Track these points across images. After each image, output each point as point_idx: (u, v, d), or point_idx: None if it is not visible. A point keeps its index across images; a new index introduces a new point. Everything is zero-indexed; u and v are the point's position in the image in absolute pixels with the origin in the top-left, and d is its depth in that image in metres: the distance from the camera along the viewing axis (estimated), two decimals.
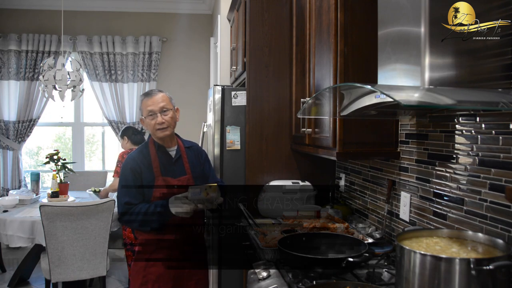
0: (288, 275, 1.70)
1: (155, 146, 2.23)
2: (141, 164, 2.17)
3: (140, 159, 2.18)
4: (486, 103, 1.27)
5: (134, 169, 2.15)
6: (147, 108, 2.17)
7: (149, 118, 2.17)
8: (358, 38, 1.96)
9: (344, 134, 1.99)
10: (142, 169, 2.15)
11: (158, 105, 2.17)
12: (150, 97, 2.19)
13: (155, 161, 2.18)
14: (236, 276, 3.02)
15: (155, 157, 2.20)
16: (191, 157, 2.30)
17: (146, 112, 2.18)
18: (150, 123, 2.17)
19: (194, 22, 5.61)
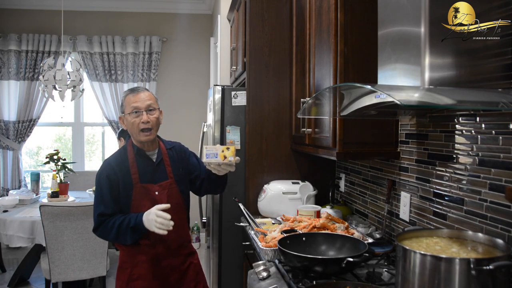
0: (288, 275, 1.70)
1: (134, 150, 2.04)
2: (118, 171, 1.98)
3: (117, 165, 2.00)
4: (486, 103, 1.27)
5: (109, 176, 1.97)
6: (132, 105, 1.98)
7: (132, 116, 1.97)
8: (358, 38, 1.96)
9: (344, 134, 1.99)
10: (118, 176, 1.97)
11: (144, 102, 1.98)
12: (136, 93, 2.01)
13: (133, 167, 2.00)
14: (236, 276, 3.03)
15: (133, 162, 2.01)
16: (173, 158, 2.12)
17: (129, 108, 1.98)
18: (133, 121, 1.97)
19: (194, 22, 5.61)
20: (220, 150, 1.84)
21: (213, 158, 1.84)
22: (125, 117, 2.02)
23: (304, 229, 2.04)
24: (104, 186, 1.96)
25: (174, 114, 5.53)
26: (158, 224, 1.81)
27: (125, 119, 2.03)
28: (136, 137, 2.01)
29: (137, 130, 1.98)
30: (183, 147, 2.22)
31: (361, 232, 2.13)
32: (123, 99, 2.04)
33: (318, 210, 2.41)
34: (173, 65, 5.60)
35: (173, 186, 2.05)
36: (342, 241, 1.82)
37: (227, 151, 1.83)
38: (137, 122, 1.97)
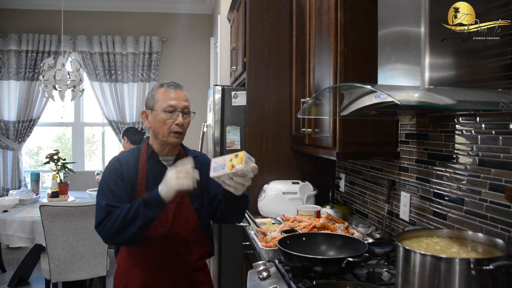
0: (288, 275, 1.70)
1: (148, 152, 1.80)
2: (126, 170, 1.75)
3: (126, 163, 1.77)
4: (486, 103, 1.27)
5: (116, 170, 1.74)
6: (169, 102, 1.74)
7: (165, 114, 1.74)
8: (358, 38, 1.96)
9: (344, 134, 1.99)
10: (124, 176, 1.73)
11: (182, 102, 1.77)
12: (174, 89, 1.79)
13: (142, 171, 1.76)
14: (236, 276, 3.03)
15: (143, 165, 1.77)
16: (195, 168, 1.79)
17: (165, 105, 1.74)
18: (166, 120, 1.74)
19: (194, 22, 5.61)
20: (228, 159, 1.50)
21: (220, 170, 1.51)
22: (155, 113, 1.76)
23: (304, 229, 2.04)
24: (111, 178, 1.72)
25: None
26: (179, 175, 1.53)
27: (153, 115, 1.77)
28: (162, 138, 1.76)
29: (167, 131, 1.74)
30: (206, 159, 1.93)
31: (361, 232, 2.13)
32: (154, 92, 1.79)
33: (318, 210, 2.41)
34: (173, 65, 5.61)
35: (185, 201, 1.78)
36: (342, 241, 1.82)
37: (235, 158, 1.48)
38: (170, 123, 1.74)
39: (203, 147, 3.59)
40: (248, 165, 1.48)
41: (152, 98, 1.80)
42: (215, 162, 1.54)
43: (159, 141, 1.79)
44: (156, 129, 1.77)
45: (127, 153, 1.83)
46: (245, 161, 1.46)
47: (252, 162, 1.51)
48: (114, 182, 1.72)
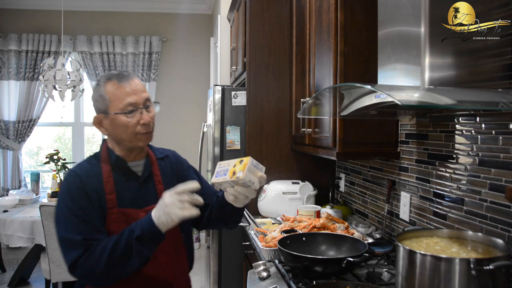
0: (288, 275, 1.70)
1: (110, 160, 1.46)
2: (88, 187, 1.39)
3: (87, 178, 1.41)
4: (486, 103, 1.27)
5: (79, 188, 1.39)
6: (126, 100, 1.39)
7: (126, 116, 1.40)
8: (358, 38, 1.96)
9: (344, 134, 1.99)
10: (89, 194, 1.38)
11: (141, 95, 1.43)
12: (127, 81, 1.42)
13: (108, 184, 1.42)
14: (236, 276, 3.03)
15: (109, 177, 1.43)
16: (166, 172, 1.57)
17: (122, 105, 1.39)
18: (128, 123, 1.40)
19: (194, 22, 5.61)
20: (232, 165, 1.31)
21: (222, 176, 1.32)
22: (111, 117, 1.41)
23: (304, 229, 2.04)
24: (75, 202, 1.37)
25: (174, 114, 5.53)
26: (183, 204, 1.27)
27: (109, 120, 1.42)
28: (129, 143, 1.44)
29: (132, 134, 1.42)
30: (179, 158, 1.69)
31: (361, 232, 2.13)
32: (102, 91, 1.42)
33: (318, 210, 2.41)
34: (173, 65, 5.61)
35: None
36: (342, 241, 1.82)
37: (239, 164, 1.28)
38: (133, 124, 1.40)
39: (203, 147, 3.60)
40: (252, 174, 1.26)
41: (101, 98, 1.42)
42: (220, 165, 1.37)
43: (123, 146, 1.46)
44: (117, 136, 1.43)
45: (84, 163, 1.48)
46: (248, 169, 1.24)
47: (260, 171, 1.30)
48: (81, 207, 1.36)
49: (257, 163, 1.31)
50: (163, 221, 1.28)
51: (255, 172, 1.30)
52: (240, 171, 1.27)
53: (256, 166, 1.30)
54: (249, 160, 1.28)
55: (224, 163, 1.38)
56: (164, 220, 1.28)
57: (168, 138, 5.49)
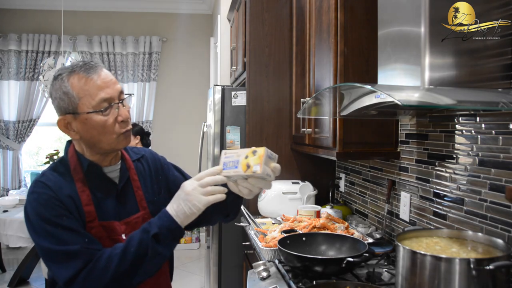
0: (288, 275, 1.70)
1: (82, 167, 1.25)
2: (61, 199, 1.17)
3: (58, 189, 1.18)
4: (486, 103, 1.27)
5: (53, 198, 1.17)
6: (100, 95, 1.18)
7: (102, 115, 1.19)
8: (358, 38, 1.96)
9: (344, 134, 1.99)
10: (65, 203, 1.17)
11: (114, 87, 1.22)
12: (95, 72, 1.21)
13: (84, 194, 1.21)
14: (236, 276, 3.03)
15: (83, 186, 1.22)
16: (144, 175, 1.38)
17: (96, 102, 1.18)
18: (106, 122, 1.20)
19: (194, 22, 5.61)
20: (243, 155, 1.16)
21: (232, 169, 1.16)
22: (83, 117, 1.19)
23: (304, 229, 2.04)
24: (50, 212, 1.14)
25: (174, 114, 5.53)
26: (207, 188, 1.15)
27: (81, 120, 1.19)
28: (107, 146, 1.23)
29: (112, 136, 1.21)
30: (155, 155, 1.48)
31: (361, 232, 2.13)
32: (67, 86, 1.18)
33: (318, 210, 2.41)
34: (173, 65, 5.61)
35: (140, 220, 1.29)
36: (342, 241, 1.82)
37: (252, 156, 1.14)
38: (111, 123, 1.20)
39: (203, 147, 3.60)
40: (268, 166, 1.14)
41: (67, 96, 1.18)
42: (226, 156, 1.19)
43: (97, 150, 1.25)
44: (92, 139, 1.21)
45: (50, 172, 1.23)
46: (264, 162, 1.12)
47: (274, 161, 1.17)
48: (59, 214, 1.15)
49: (271, 153, 1.17)
50: (185, 211, 1.14)
51: (270, 163, 1.16)
52: (256, 164, 1.12)
53: (270, 156, 1.16)
54: (265, 151, 1.13)
55: (231, 153, 1.19)
56: (186, 210, 1.14)
57: (168, 138, 5.49)
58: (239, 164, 1.15)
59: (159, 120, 5.53)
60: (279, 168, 1.19)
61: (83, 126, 1.20)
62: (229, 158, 1.19)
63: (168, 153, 2.18)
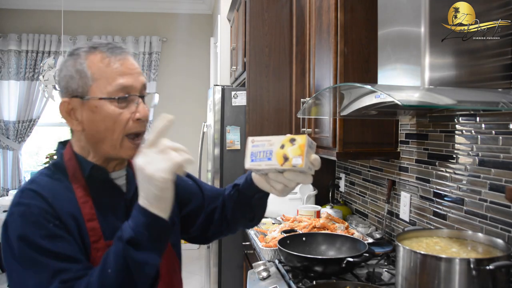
0: (288, 275, 1.70)
1: (83, 170, 1.00)
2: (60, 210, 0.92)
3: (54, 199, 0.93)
4: (486, 103, 1.27)
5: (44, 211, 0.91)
6: (118, 80, 0.96)
7: (116, 103, 0.96)
8: (358, 38, 1.96)
9: (344, 134, 1.99)
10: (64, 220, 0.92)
11: (139, 78, 1.00)
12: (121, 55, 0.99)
13: (86, 207, 0.97)
14: (236, 276, 3.03)
15: (85, 196, 0.98)
16: None
17: (113, 87, 0.96)
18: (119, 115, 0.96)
19: (194, 22, 5.61)
20: (277, 144, 0.93)
21: (263, 161, 0.94)
22: (93, 103, 0.96)
23: (304, 229, 2.04)
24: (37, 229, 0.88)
25: (174, 114, 5.50)
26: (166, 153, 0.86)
27: (89, 107, 0.96)
28: (109, 149, 0.98)
29: (121, 135, 0.97)
30: None
31: (361, 232, 2.13)
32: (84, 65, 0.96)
33: (318, 210, 2.41)
34: (173, 65, 5.61)
35: None
36: (342, 241, 1.82)
37: (290, 145, 0.92)
38: (125, 118, 0.97)
39: (203, 147, 3.59)
40: (308, 157, 0.92)
41: (80, 75, 0.96)
42: (255, 144, 0.96)
43: (102, 151, 1.00)
44: (98, 134, 0.98)
45: (43, 178, 0.98)
46: (306, 153, 0.91)
47: (313, 151, 0.94)
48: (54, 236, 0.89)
49: (311, 141, 0.94)
50: (153, 192, 0.83)
51: (310, 154, 0.93)
52: (296, 156, 0.91)
53: (311, 145, 0.94)
54: (306, 140, 0.92)
55: (260, 141, 0.96)
56: (153, 190, 0.83)
57: (168, 138, 5.49)
58: (273, 154, 0.93)
59: None
60: (319, 160, 0.95)
61: (90, 116, 0.97)
62: (258, 147, 0.95)
63: None
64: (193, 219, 1.22)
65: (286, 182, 0.96)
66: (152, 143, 0.87)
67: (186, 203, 1.19)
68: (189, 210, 1.21)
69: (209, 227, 1.23)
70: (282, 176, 0.95)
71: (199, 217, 1.22)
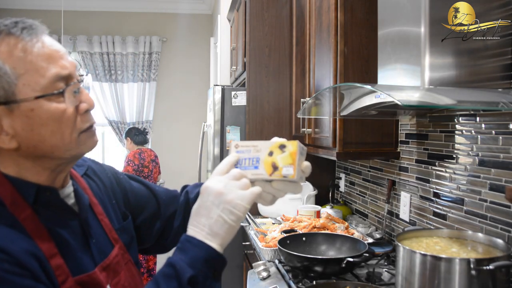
0: (288, 275, 1.70)
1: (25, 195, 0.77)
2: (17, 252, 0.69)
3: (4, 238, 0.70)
4: (486, 103, 1.27)
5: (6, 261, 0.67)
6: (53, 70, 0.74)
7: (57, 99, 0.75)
8: (358, 38, 1.96)
9: (344, 134, 1.99)
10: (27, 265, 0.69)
11: (69, 60, 0.79)
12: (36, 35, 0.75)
13: (44, 242, 0.74)
14: (236, 276, 3.03)
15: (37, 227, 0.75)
16: (100, 194, 0.95)
17: (48, 78, 0.73)
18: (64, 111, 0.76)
19: (194, 22, 5.61)
20: (265, 151, 0.82)
21: (249, 169, 0.82)
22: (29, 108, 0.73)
23: (304, 229, 2.04)
24: None
25: (174, 114, 5.53)
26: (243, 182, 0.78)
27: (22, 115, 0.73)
28: (65, 153, 0.78)
29: (75, 134, 0.78)
30: (102, 165, 1.04)
31: (361, 232, 2.13)
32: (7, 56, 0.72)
33: (318, 210, 2.41)
34: (173, 65, 5.61)
35: (126, 258, 0.92)
36: (342, 241, 1.82)
37: (279, 152, 0.81)
38: (71, 113, 0.77)
39: (203, 147, 3.60)
40: (300, 166, 0.83)
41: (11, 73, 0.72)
42: (239, 150, 0.83)
43: (48, 163, 0.79)
44: (42, 143, 0.76)
45: None
46: (298, 161, 0.81)
47: (304, 157, 0.84)
48: None
49: (303, 147, 0.84)
50: (225, 221, 0.75)
51: (301, 162, 0.83)
52: (287, 165, 0.81)
53: (302, 152, 0.83)
54: (298, 147, 0.81)
55: (246, 146, 0.83)
56: (226, 218, 0.75)
57: (168, 138, 5.49)
58: (260, 162, 0.82)
59: (159, 120, 5.53)
60: (310, 167, 0.85)
61: (27, 123, 0.74)
62: (244, 153, 0.83)
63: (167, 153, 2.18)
64: (148, 228, 1.05)
65: (275, 192, 0.84)
66: (224, 171, 0.80)
67: (138, 212, 1.03)
68: (142, 219, 1.04)
69: (168, 235, 1.08)
70: (270, 186, 0.83)
71: (154, 226, 1.06)
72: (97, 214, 0.90)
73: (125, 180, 1.05)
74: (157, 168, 4.31)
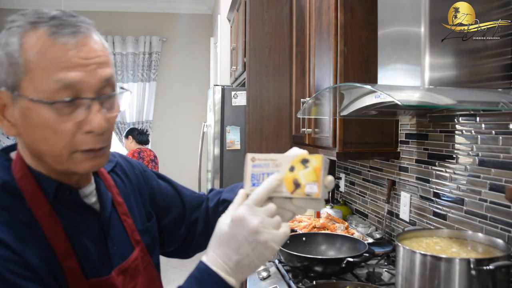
0: (288, 275, 1.70)
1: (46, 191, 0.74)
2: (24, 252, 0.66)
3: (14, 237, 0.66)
4: (486, 103, 1.27)
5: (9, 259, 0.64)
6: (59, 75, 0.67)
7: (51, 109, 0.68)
8: (358, 38, 1.96)
9: (344, 134, 1.99)
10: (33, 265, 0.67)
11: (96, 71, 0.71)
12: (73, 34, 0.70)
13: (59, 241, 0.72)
14: None
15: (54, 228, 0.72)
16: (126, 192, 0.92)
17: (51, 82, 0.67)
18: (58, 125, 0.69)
19: (194, 22, 5.61)
20: (285, 166, 0.74)
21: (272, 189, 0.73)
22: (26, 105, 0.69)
23: (304, 229, 2.04)
24: None
25: (174, 114, 5.53)
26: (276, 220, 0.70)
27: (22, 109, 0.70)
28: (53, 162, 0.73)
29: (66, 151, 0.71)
30: (130, 161, 1.00)
31: (361, 232, 2.13)
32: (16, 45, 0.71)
33: (318, 210, 2.41)
34: (173, 65, 5.61)
35: (146, 261, 0.89)
36: (342, 241, 1.82)
37: (302, 168, 0.73)
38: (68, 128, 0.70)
39: (203, 147, 3.60)
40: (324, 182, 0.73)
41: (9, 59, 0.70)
42: (256, 163, 0.75)
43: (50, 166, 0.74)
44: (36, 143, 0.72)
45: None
46: (322, 177, 0.72)
47: (326, 172, 0.74)
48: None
49: (326, 161, 0.75)
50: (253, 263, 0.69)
51: (325, 178, 0.73)
52: (311, 182, 0.72)
53: (326, 167, 0.75)
54: (322, 162, 0.73)
55: (263, 159, 0.75)
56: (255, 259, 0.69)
57: (168, 139, 5.49)
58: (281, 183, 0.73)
59: (159, 120, 5.53)
60: (334, 181, 0.76)
61: (23, 119, 0.70)
62: (261, 167, 0.75)
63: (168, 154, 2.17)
64: (172, 231, 1.01)
65: (296, 210, 0.74)
66: (261, 201, 0.70)
67: (164, 213, 0.99)
68: (167, 221, 0.99)
69: (192, 240, 1.03)
70: (290, 203, 0.73)
71: (180, 229, 1.02)
72: (120, 213, 0.87)
73: (152, 178, 1.01)
74: (156, 168, 4.31)
